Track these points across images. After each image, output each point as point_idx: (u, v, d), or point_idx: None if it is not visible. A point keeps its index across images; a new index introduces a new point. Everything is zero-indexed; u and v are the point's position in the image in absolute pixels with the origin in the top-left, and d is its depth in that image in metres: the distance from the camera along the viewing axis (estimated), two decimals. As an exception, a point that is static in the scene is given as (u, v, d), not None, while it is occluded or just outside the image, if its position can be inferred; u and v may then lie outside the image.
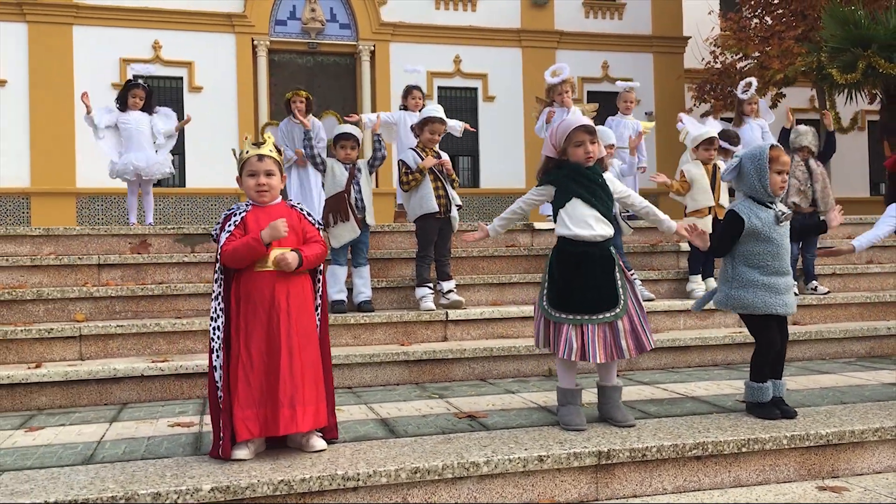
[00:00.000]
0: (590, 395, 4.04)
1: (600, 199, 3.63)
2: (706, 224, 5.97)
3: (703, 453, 3.37)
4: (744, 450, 3.41)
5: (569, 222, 3.61)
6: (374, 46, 17.25)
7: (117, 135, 7.52)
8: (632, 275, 6.00)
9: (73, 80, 15.95)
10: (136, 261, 5.76)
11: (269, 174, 3.31)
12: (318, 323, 3.41)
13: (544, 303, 3.69)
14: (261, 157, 3.30)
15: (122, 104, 7.60)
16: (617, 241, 5.82)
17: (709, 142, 6.17)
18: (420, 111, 6.76)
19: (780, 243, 3.73)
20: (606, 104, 18.12)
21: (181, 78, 16.59)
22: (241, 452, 3.20)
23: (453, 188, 5.61)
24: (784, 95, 16.62)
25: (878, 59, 10.00)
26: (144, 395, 4.50)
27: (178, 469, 3.08)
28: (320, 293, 3.45)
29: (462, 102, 17.87)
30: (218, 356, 3.25)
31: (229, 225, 3.28)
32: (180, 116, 15.44)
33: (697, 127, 6.65)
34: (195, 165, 16.09)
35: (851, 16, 10.60)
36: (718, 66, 17.01)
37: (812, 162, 6.51)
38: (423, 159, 5.50)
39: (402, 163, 5.56)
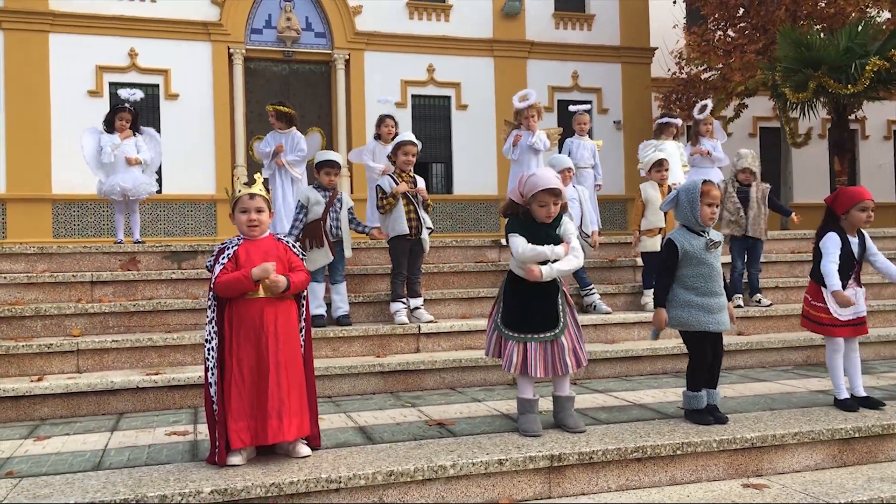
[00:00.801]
0: (548, 404, 4.52)
1: (549, 239, 4.08)
2: (655, 243, 6.49)
3: (643, 455, 3.86)
4: (678, 452, 3.91)
5: (524, 255, 4.07)
6: (348, 55, 17.66)
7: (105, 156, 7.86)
8: (591, 289, 6.53)
9: (50, 87, 16.20)
10: (126, 278, 6.16)
11: (258, 210, 3.74)
12: (302, 343, 3.86)
13: (498, 319, 4.18)
14: (252, 196, 3.74)
15: (109, 127, 7.93)
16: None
17: (658, 164, 6.70)
18: (392, 138, 7.22)
19: (712, 266, 4.24)
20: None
21: (157, 85, 16.85)
22: (235, 459, 3.63)
23: (427, 212, 6.07)
24: (746, 106, 17.30)
25: (827, 79, 10.61)
26: (140, 406, 4.91)
27: (179, 474, 3.51)
28: (304, 317, 3.89)
29: (435, 111, 18.35)
30: (213, 374, 3.68)
31: (222, 258, 3.70)
32: (156, 124, 15.87)
33: (646, 152, 7.19)
34: (172, 172, 16.35)
35: (804, 38, 11.21)
36: (684, 76, 17.62)
37: (753, 187, 7.01)
38: (397, 184, 5.97)
39: (378, 188, 6.03)
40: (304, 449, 3.76)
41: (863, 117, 21.07)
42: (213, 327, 3.68)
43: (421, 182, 6.13)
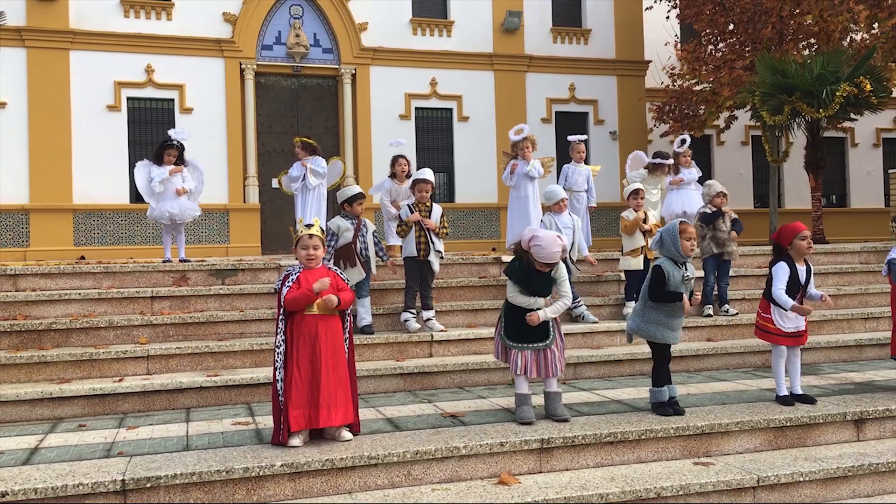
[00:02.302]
0: (541, 399, 5.63)
1: (543, 288, 5.26)
2: (638, 262, 7.64)
3: (615, 440, 4.98)
4: (643, 437, 5.03)
5: (516, 298, 5.23)
6: (355, 70, 18.75)
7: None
8: (578, 302, 7.65)
9: (70, 102, 17.24)
10: (180, 293, 7.29)
11: (315, 248, 4.88)
12: (346, 350, 4.98)
13: (502, 332, 5.35)
14: (311, 236, 4.87)
15: (158, 160, 9.07)
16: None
17: (634, 192, 7.86)
18: (406, 176, 8.45)
19: (684, 292, 5.37)
20: (572, 123, 19.92)
21: (172, 100, 17.91)
22: (295, 441, 4.75)
23: (440, 238, 7.22)
24: (736, 118, 18.45)
25: (801, 104, 11.73)
26: (202, 402, 6.03)
27: (253, 453, 4.63)
28: (348, 329, 5.02)
29: (438, 122, 19.45)
30: (280, 373, 4.81)
31: (288, 281, 4.84)
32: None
33: (632, 178, 8.38)
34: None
35: (781, 65, 12.33)
36: (676, 87, 18.73)
37: (726, 216, 8.13)
38: (411, 213, 7.14)
39: (398, 217, 7.22)
40: (347, 434, 4.89)
41: (850, 126, 22.26)
42: (282, 336, 4.81)
43: (437, 212, 7.29)
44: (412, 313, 7.24)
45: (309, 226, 4.90)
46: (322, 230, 5.00)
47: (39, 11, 17.07)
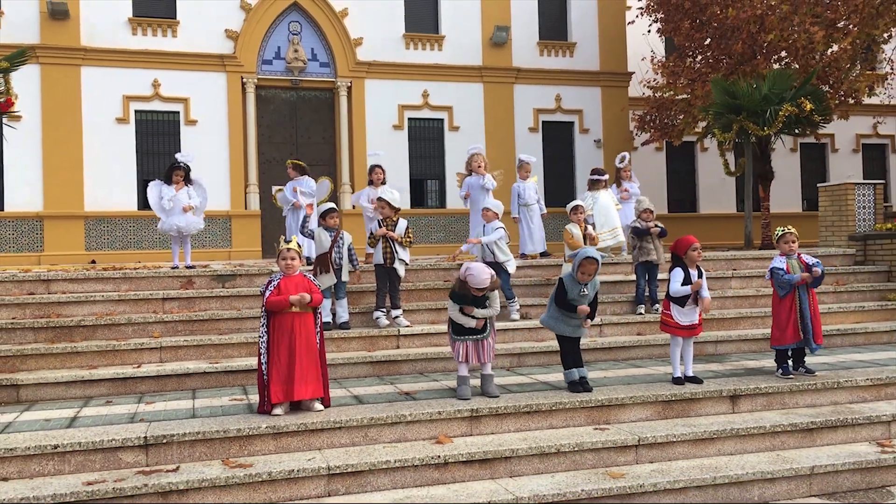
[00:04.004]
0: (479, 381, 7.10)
1: (478, 304, 6.71)
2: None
3: (531, 410, 6.46)
4: (554, 408, 6.51)
5: (457, 317, 6.73)
6: (350, 83, 20.29)
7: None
8: (512, 302, 9.11)
9: (81, 115, 18.86)
10: (187, 295, 8.82)
11: (292, 259, 6.38)
12: (318, 340, 6.47)
13: (451, 330, 6.83)
14: (289, 250, 6.37)
15: (168, 179, 10.63)
16: (504, 282, 8.95)
17: (574, 209, 9.37)
18: (382, 183, 9.95)
19: (582, 303, 6.83)
20: (558, 133, 21.38)
21: (178, 112, 19.51)
22: (277, 410, 6.24)
23: (404, 248, 8.71)
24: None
25: (748, 122, 13.19)
26: (206, 384, 7.52)
27: (244, 419, 6.12)
28: (319, 323, 6.51)
29: (430, 132, 20.98)
30: (264, 357, 6.30)
31: (271, 286, 6.34)
32: (177, 147, 18.48)
33: (586, 203, 10.03)
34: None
35: (731, 87, 13.80)
36: (656, 97, 20.17)
37: (652, 224, 9.60)
38: (380, 228, 8.67)
39: (370, 230, 8.78)
40: (318, 405, 6.38)
41: (831, 133, 23.68)
42: (265, 329, 6.32)
43: (402, 225, 8.78)
44: (382, 311, 8.75)
45: (288, 241, 6.41)
46: (299, 245, 6.50)
47: (53, 30, 18.67)
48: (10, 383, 7.05)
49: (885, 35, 15.46)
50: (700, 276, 7.27)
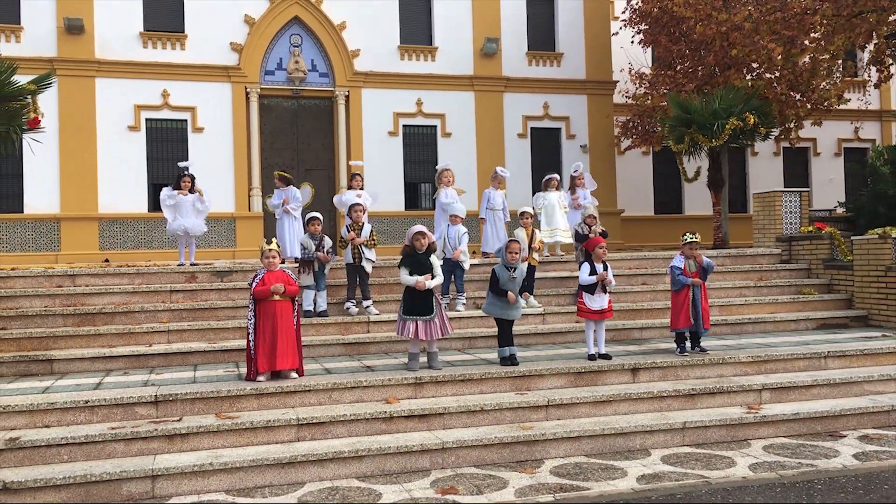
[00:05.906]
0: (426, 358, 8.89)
1: (425, 267, 8.52)
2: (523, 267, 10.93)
3: (465, 378, 8.26)
4: (484, 377, 8.31)
5: (405, 279, 8.52)
6: (348, 92, 22.15)
7: (173, 207, 12.47)
8: (461, 295, 10.91)
9: (96, 123, 20.78)
10: (190, 287, 10.70)
11: (273, 257, 8.22)
12: (295, 323, 8.30)
13: (401, 311, 8.63)
14: (270, 249, 8.21)
15: (176, 186, 12.53)
16: (458, 278, 10.80)
17: (522, 214, 11.16)
18: (361, 188, 11.83)
19: (512, 288, 8.63)
20: (546, 138, 23.12)
21: (186, 120, 21.41)
22: (261, 378, 8.08)
23: (370, 249, 10.53)
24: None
25: (698, 135, 14.96)
26: (205, 361, 9.37)
27: (234, 384, 7.95)
28: (296, 309, 8.34)
29: (423, 138, 22.80)
30: (252, 335, 8.14)
31: (256, 278, 8.18)
32: (185, 153, 20.38)
33: (536, 202, 11.80)
34: (198, 195, 20.93)
35: (685, 102, 15.58)
36: (637, 104, 21.90)
37: (594, 226, 11.37)
38: (349, 232, 10.52)
39: (342, 233, 10.62)
40: (294, 374, 8.22)
41: (813, 138, 25.32)
42: (252, 313, 8.16)
43: (367, 229, 10.61)
44: (352, 302, 10.59)
45: (269, 242, 8.27)
46: (279, 245, 8.36)
47: (69, 43, 20.59)
48: (46, 358, 8.93)
49: (841, 51, 17.12)
50: (605, 269, 9.03)
